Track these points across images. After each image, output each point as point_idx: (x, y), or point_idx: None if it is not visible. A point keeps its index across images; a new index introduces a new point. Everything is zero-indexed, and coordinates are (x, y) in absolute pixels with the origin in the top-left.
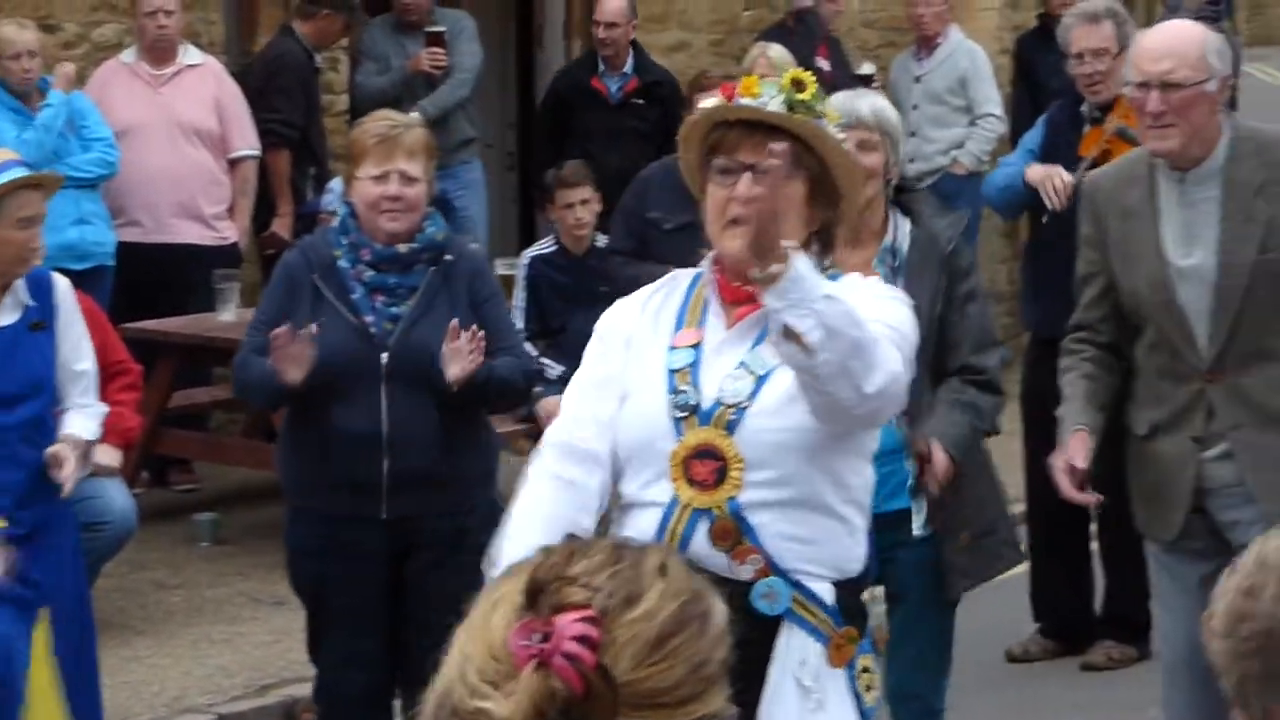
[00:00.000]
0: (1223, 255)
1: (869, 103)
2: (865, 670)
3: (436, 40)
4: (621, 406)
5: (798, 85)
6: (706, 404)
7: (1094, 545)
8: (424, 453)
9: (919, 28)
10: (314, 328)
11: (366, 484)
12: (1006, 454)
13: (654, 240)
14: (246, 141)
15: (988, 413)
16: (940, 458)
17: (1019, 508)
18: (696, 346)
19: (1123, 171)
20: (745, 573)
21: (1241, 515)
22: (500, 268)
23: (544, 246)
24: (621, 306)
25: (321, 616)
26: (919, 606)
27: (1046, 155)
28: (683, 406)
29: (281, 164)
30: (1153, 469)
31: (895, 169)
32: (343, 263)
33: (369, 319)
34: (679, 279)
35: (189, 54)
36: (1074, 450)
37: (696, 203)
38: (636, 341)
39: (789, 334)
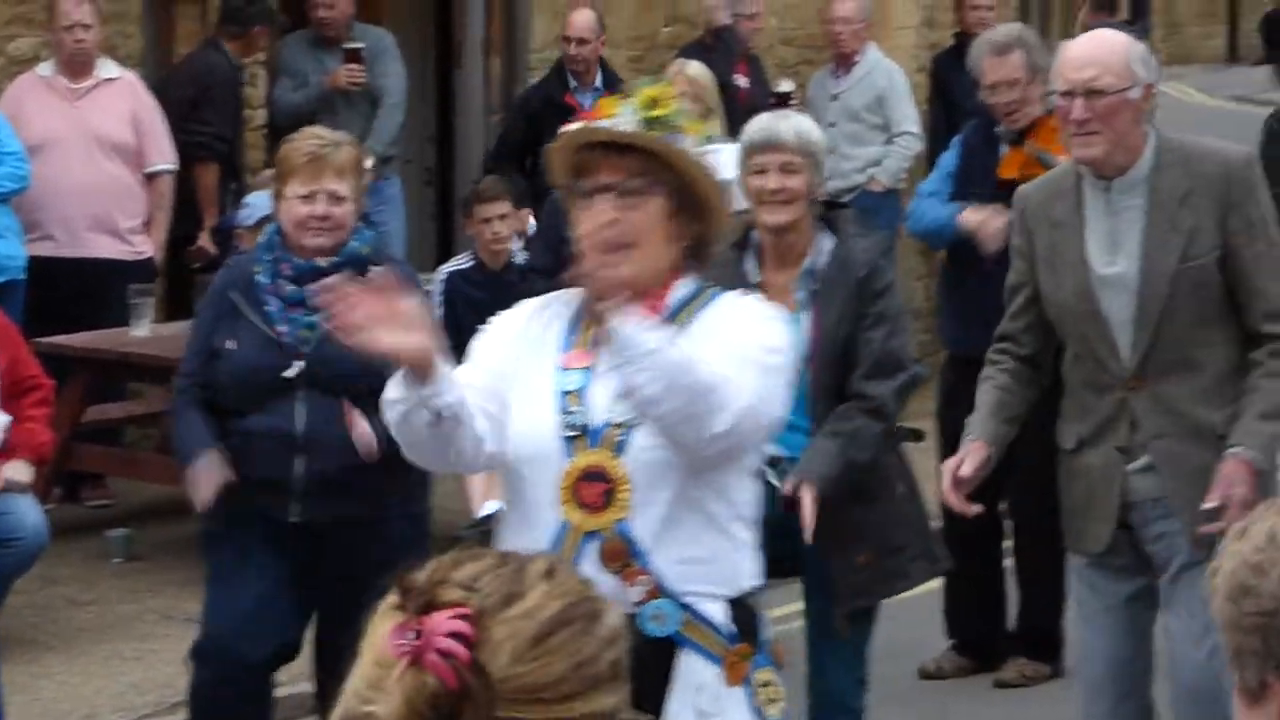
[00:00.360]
0: (1145, 263)
1: (792, 125)
2: (765, 684)
3: (354, 57)
4: (510, 424)
5: (654, 103)
6: (596, 424)
7: (1008, 562)
8: (337, 457)
9: (836, 45)
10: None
11: (279, 485)
12: (923, 471)
13: (572, 258)
14: (164, 156)
15: (867, 441)
16: (807, 502)
17: (936, 524)
18: (588, 369)
19: (1051, 184)
20: (634, 594)
21: (1165, 528)
22: None
23: (461, 262)
24: (509, 316)
25: (220, 579)
26: (830, 619)
27: (962, 177)
28: (573, 426)
29: (210, 178)
30: (1080, 482)
31: (820, 189)
32: (261, 278)
33: (282, 329)
34: (568, 297)
35: (106, 68)
36: (963, 458)
37: None
38: (523, 354)
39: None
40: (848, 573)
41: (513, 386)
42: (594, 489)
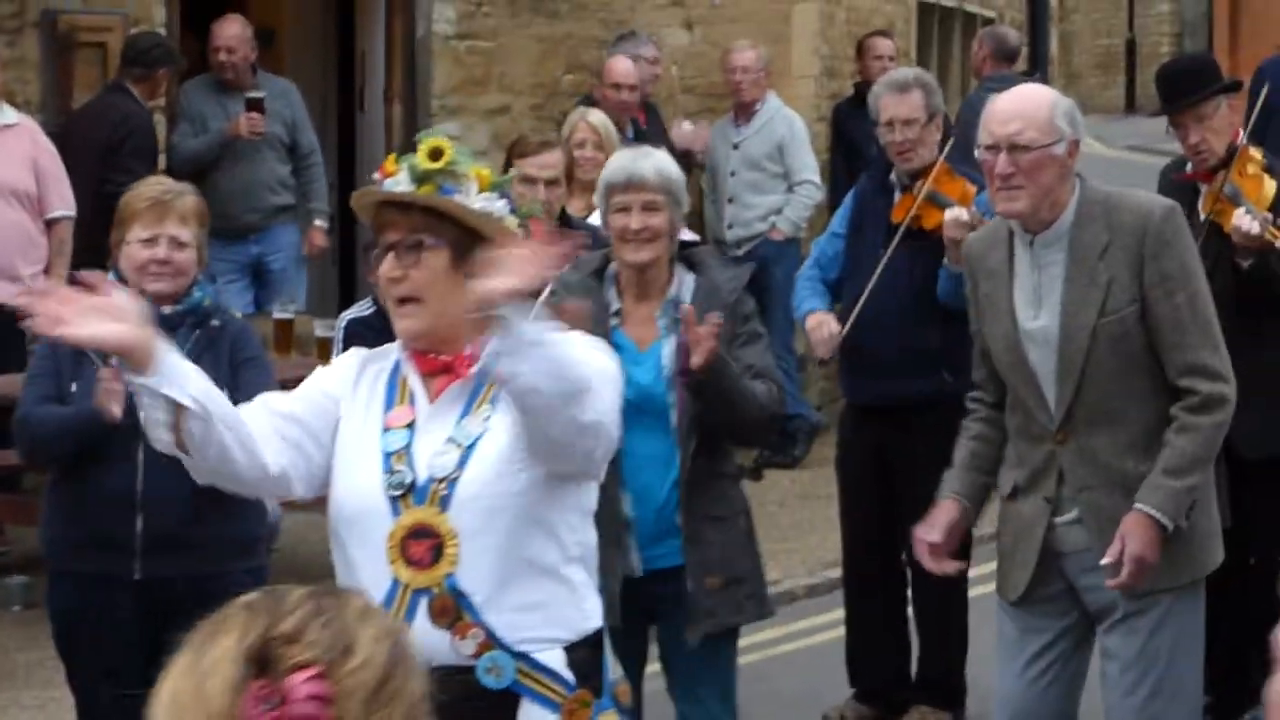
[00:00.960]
0: (1065, 318)
1: (652, 163)
2: None
3: (256, 106)
4: (335, 483)
5: (434, 154)
6: (420, 481)
7: (911, 609)
8: (178, 514)
9: (737, 94)
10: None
11: (119, 543)
12: (829, 518)
13: None
14: (64, 202)
15: (772, 398)
16: (703, 334)
17: (837, 572)
18: (410, 426)
19: (990, 234)
20: (467, 648)
21: (1097, 580)
22: (319, 329)
23: (362, 309)
24: (342, 363)
25: (78, 677)
26: (691, 644)
27: (855, 228)
28: (398, 485)
29: None
30: (1011, 528)
31: (680, 226)
32: None
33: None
34: (389, 352)
35: (5, 114)
36: (933, 520)
37: None
38: (350, 411)
39: (510, 375)
40: (701, 595)
41: (339, 447)
42: (421, 546)
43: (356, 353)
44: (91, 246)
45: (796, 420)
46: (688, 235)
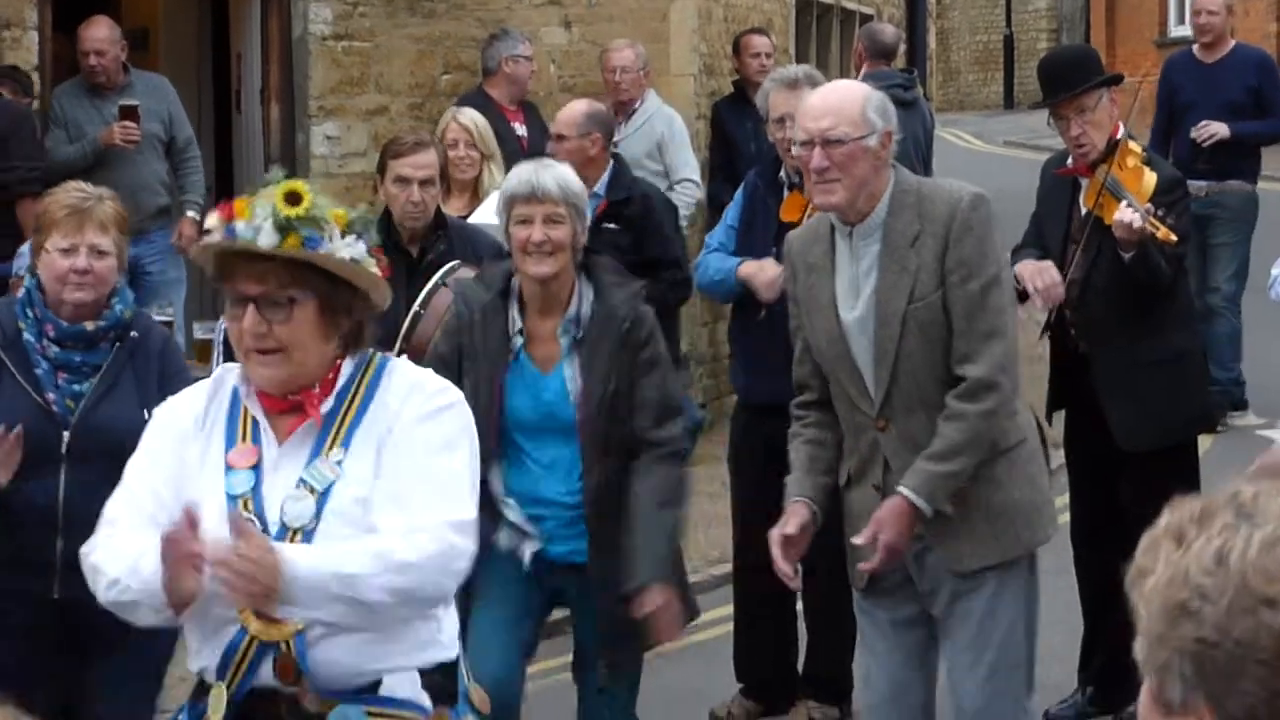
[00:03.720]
0: (878, 305)
1: (553, 175)
2: None
3: (130, 114)
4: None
5: (291, 199)
6: (273, 530)
7: (799, 605)
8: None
9: (615, 93)
10: (19, 428)
11: (39, 562)
12: (716, 514)
13: None
14: None
15: (680, 490)
16: (660, 604)
17: (721, 569)
18: (255, 467)
19: (811, 229)
20: (313, 704)
21: (924, 561)
22: (199, 332)
23: None
24: (182, 402)
25: None
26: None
27: (747, 223)
28: None
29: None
30: (851, 518)
31: (582, 238)
32: (28, 336)
33: (51, 396)
34: (224, 381)
35: None
36: (784, 522)
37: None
38: (192, 451)
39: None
40: (612, 623)
41: (185, 485)
42: None
43: (200, 388)
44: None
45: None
46: None
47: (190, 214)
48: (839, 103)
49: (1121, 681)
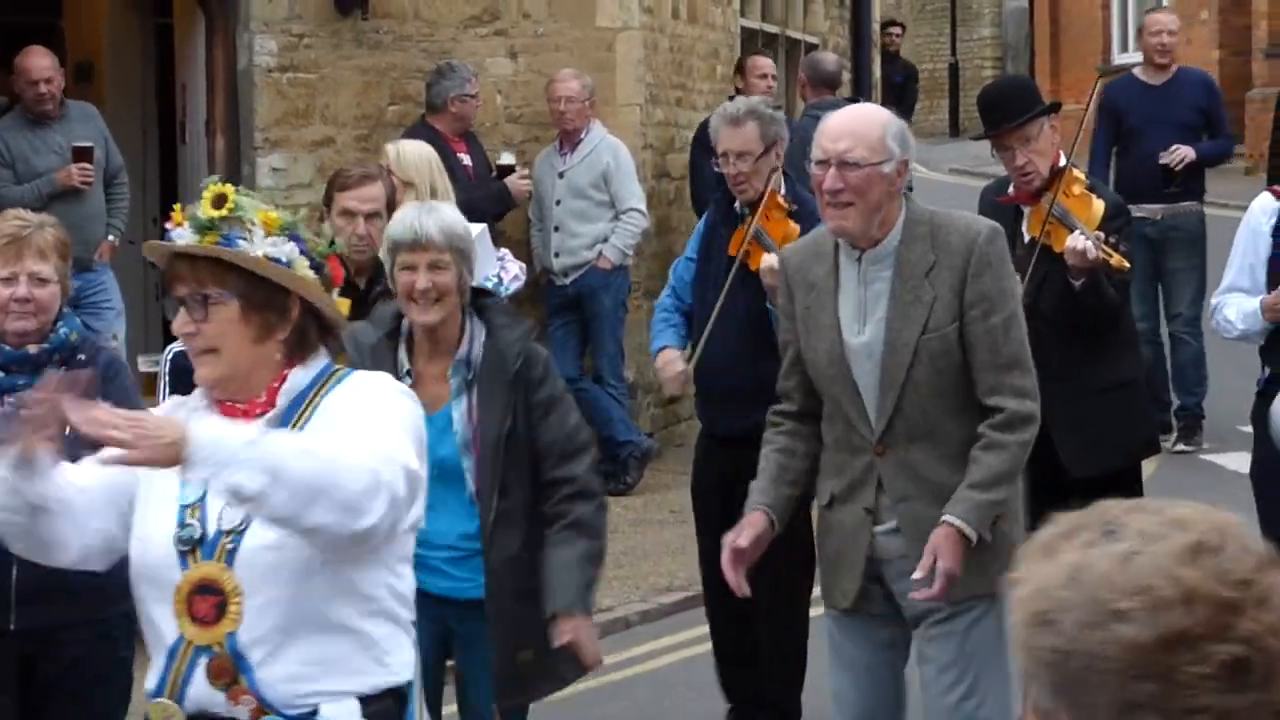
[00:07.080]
0: (889, 333)
1: (437, 220)
2: None
3: (85, 155)
4: (132, 538)
5: (217, 202)
6: (210, 534)
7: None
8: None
9: (561, 123)
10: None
11: None
12: (665, 542)
13: None
14: None
15: (596, 526)
16: (583, 638)
17: (670, 597)
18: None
19: (811, 246)
20: (242, 713)
21: (911, 586)
22: (143, 364)
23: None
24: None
25: None
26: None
27: (704, 255)
28: (187, 540)
29: None
30: (832, 538)
31: (469, 281)
32: None
33: None
34: (189, 401)
35: None
36: (741, 529)
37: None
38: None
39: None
40: (509, 668)
41: (140, 500)
42: (206, 602)
43: (173, 403)
44: None
45: (628, 447)
46: (516, 267)
47: (110, 238)
48: (859, 126)
49: None
